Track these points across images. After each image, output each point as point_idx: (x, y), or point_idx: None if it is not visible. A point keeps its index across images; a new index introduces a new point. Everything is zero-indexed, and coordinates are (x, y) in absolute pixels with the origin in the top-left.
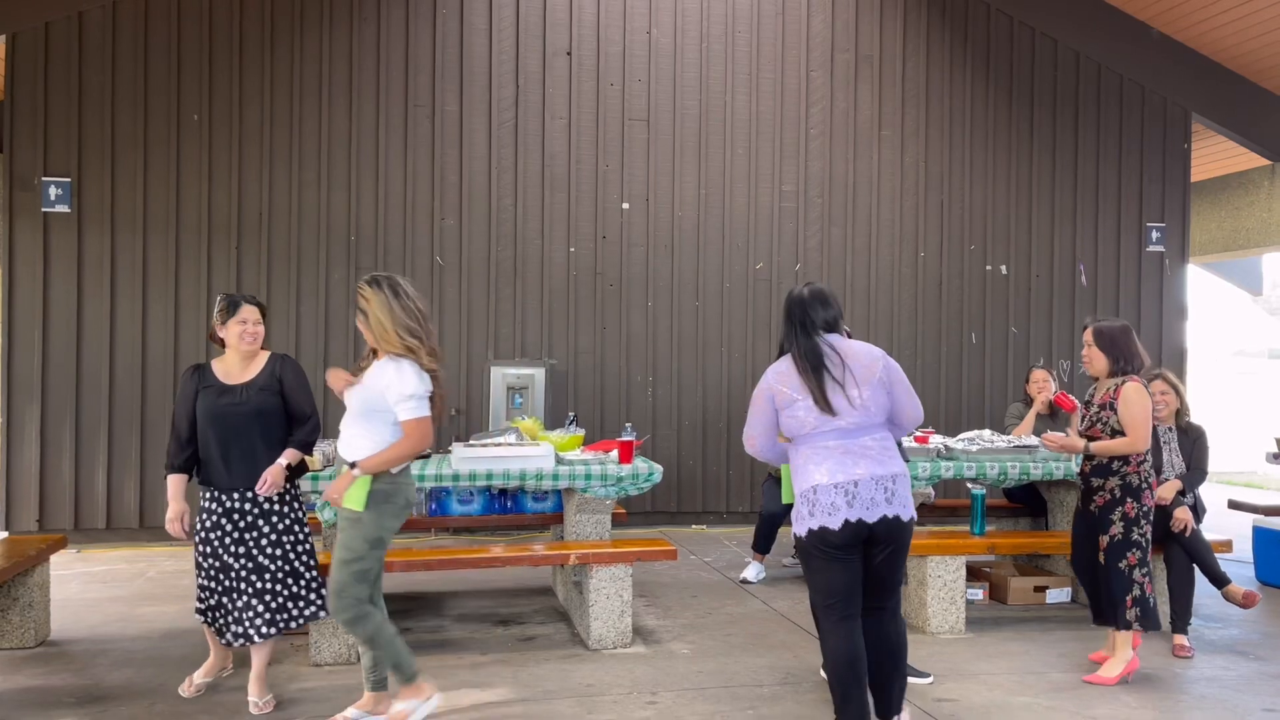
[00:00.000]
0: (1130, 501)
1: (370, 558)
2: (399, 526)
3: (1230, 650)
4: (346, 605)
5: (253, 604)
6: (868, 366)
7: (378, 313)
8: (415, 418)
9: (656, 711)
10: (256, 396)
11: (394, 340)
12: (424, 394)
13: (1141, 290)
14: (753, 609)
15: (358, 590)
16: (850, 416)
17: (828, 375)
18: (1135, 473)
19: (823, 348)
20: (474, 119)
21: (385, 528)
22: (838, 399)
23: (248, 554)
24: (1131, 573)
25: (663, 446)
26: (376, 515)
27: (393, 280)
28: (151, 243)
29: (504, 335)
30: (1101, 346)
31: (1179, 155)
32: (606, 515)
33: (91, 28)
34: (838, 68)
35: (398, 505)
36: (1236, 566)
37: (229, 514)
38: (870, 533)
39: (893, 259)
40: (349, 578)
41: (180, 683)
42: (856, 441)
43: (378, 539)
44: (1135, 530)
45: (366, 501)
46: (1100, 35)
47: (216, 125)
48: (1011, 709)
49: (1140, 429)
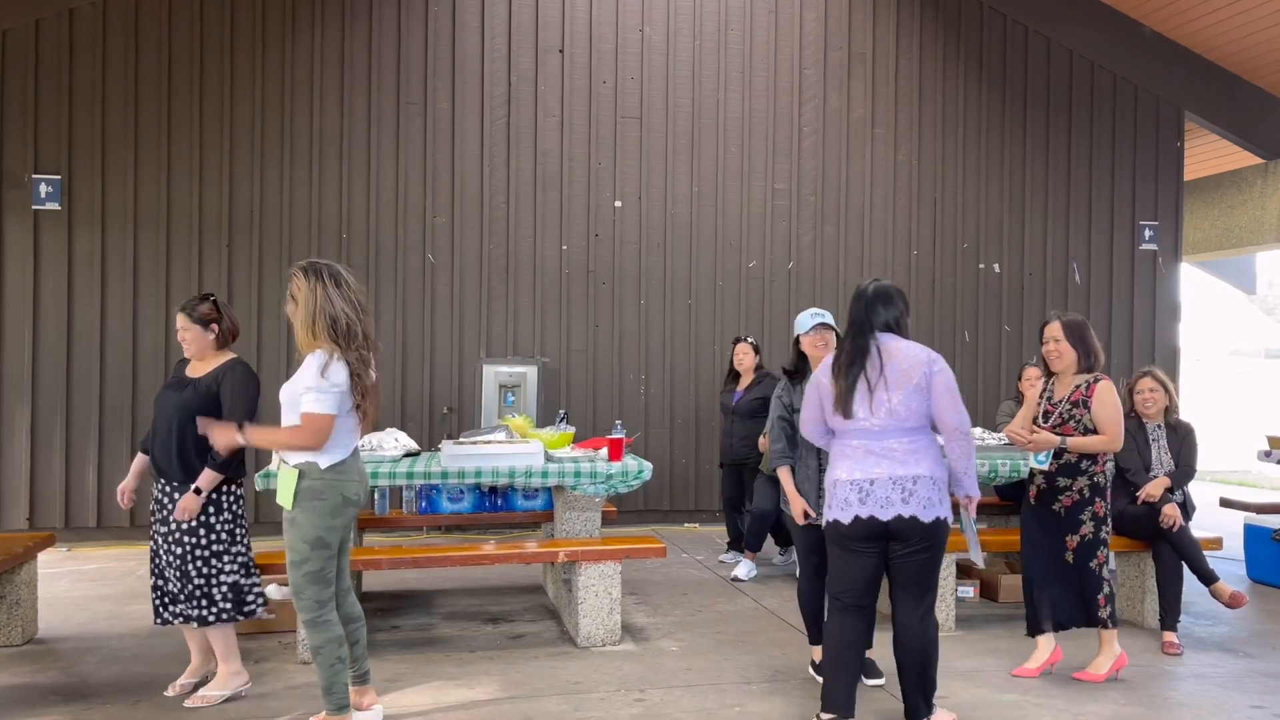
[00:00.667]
0: (1099, 500)
1: (315, 558)
2: (342, 525)
3: (1219, 648)
4: (304, 606)
5: (167, 588)
6: (906, 371)
7: (304, 302)
8: (311, 411)
9: (644, 709)
10: (190, 394)
11: (318, 333)
12: (331, 389)
13: (1134, 289)
14: (743, 607)
15: (314, 593)
16: (873, 420)
17: (862, 378)
18: (1102, 472)
19: (870, 349)
20: (466, 117)
21: (322, 526)
22: (861, 404)
23: (164, 539)
24: (1101, 571)
25: (655, 445)
26: (309, 514)
27: (333, 269)
28: (142, 240)
29: (496, 333)
30: (1071, 341)
31: (1172, 153)
32: (596, 513)
33: (82, 25)
34: (831, 65)
35: (331, 503)
36: (1227, 564)
37: (158, 500)
38: (886, 530)
39: (886, 257)
40: (301, 580)
41: (168, 679)
42: (881, 443)
43: (317, 539)
44: (1104, 529)
45: (295, 499)
46: (1093, 33)
47: (207, 123)
48: (1001, 706)
49: (1116, 428)
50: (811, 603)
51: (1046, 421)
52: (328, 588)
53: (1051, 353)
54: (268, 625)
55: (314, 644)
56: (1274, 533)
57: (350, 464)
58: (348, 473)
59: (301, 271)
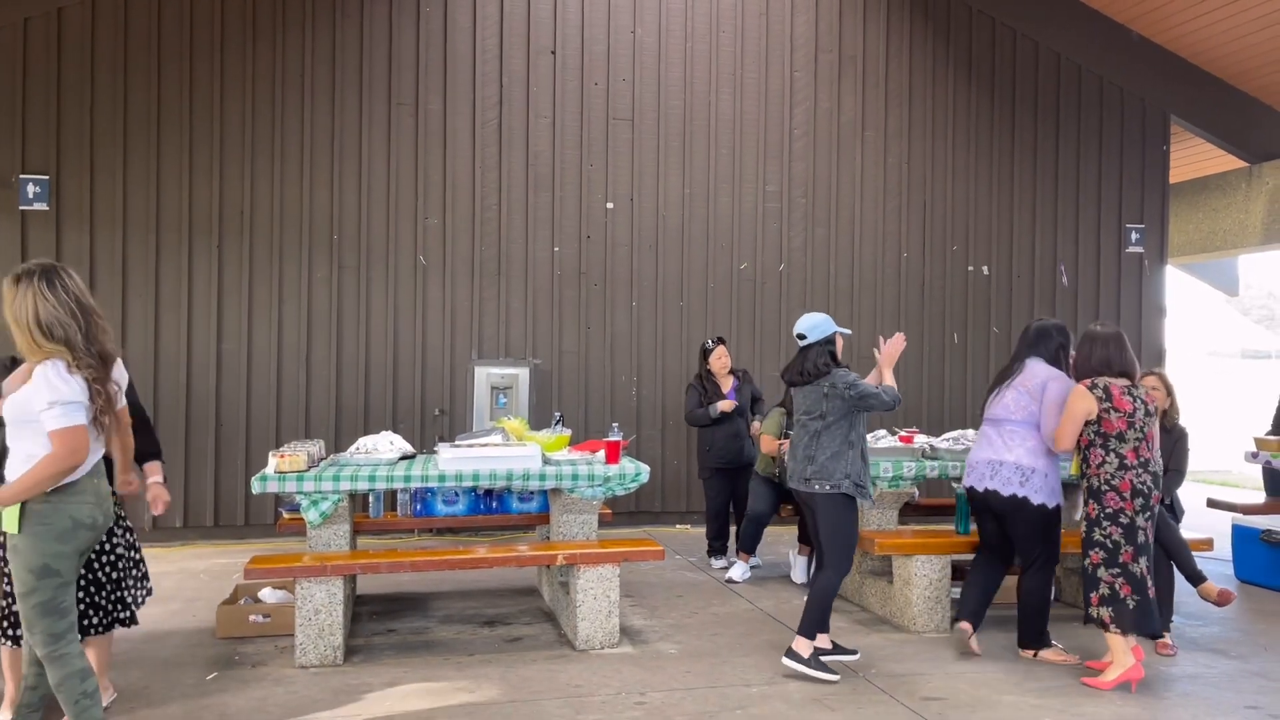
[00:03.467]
0: (1091, 503)
1: (43, 588)
2: (74, 552)
3: (1211, 648)
4: (36, 641)
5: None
6: (1026, 378)
7: (13, 311)
8: (62, 427)
9: (645, 712)
10: None
11: (32, 342)
12: (73, 399)
13: (1121, 291)
14: (739, 609)
15: (46, 625)
16: (991, 410)
17: (1000, 386)
18: (1095, 475)
19: (1014, 368)
20: (458, 117)
21: (48, 553)
22: (990, 402)
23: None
24: (1096, 571)
25: (647, 446)
26: (32, 540)
27: (49, 270)
28: (131, 241)
29: (488, 335)
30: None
31: (1158, 157)
32: (593, 515)
33: (71, 24)
34: (821, 68)
35: (58, 528)
36: (1215, 565)
37: None
38: (982, 499)
39: (876, 259)
40: (30, 613)
41: (164, 685)
42: (989, 430)
43: (43, 567)
44: (1097, 530)
45: (19, 524)
46: (1081, 37)
47: (197, 122)
48: (999, 707)
49: (1061, 426)
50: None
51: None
52: (62, 619)
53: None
54: (264, 629)
55: (54, 680)
56: (1262, 533)
57: (84, 484)
58: (79, 493)
59: (13, 277)
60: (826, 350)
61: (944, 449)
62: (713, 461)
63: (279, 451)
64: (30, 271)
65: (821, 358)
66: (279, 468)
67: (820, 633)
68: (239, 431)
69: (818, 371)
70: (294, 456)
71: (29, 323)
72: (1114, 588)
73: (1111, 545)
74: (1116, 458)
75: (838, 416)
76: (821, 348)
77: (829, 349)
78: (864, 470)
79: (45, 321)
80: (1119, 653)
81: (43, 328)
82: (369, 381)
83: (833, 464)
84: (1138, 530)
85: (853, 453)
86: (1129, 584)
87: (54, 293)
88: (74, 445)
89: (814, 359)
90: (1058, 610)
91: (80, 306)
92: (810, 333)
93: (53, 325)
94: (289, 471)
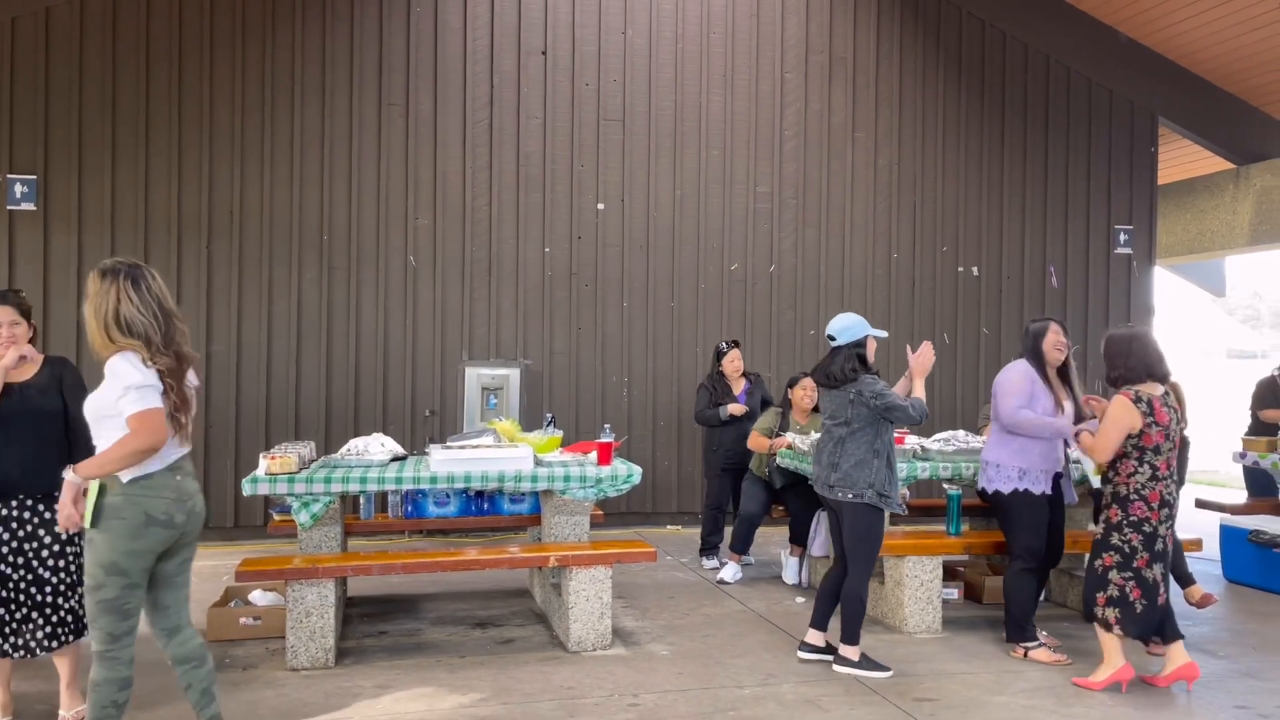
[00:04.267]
0: (1115, 508)
1: (110, 586)
2: (146, 550)
3: (1200, 649)
4: (95, 637)
5: (32, 616)
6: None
7: (95, 305)
8: (139, 410)
9: (638, 714)
10: (37, 398)
11: (106, 338)
12: (146, 384)
13: (1110, 292)
14: (730, 610)
15: (107, 624)
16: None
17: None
18: (1125, 483)
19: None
20: (449, 118)
21: (118, 550)
22: None
23: (26, 565)
24: (1107, 573)
25: (638, 447)
26: (106, 535)
27: (135, 270)
28: (119, 241)
29: (478, 335)
30: (1103, 354)
31: (1146, 159)
32: (585, 517)
33: (59, 23)
34: (812, 69)
35: (132, 523)
36: (1204, 565)
37: (5, 522)
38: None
39: (866, 260)
40: (94, 608)
41: (153, 688)
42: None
43: (112, 564)
44: (1116, 535)
45: (95, 518)
46: (1070, 39)
47: (186, 122)
48: (990, 707)
49: (1103, 437)
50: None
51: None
52: (124, 620)
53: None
54: (254, 631)
55: (94, 678)
56: (1250, 534)
57: (161, 479)
58: (157, 489)
59: (99, 272)
60: (855, 354)
61: (935, 450)
62: (720, 462)
63: (270, 453)
64: (116, 270)
65: (850, 362)
66: (270, 469)
67: (853, 644)
68: (228, 433)
69: (844, 377)
70: (285, 458)
71: (108, 318)
72: (1124, 590)
73: (1129, 550)
74: (1150, 469)
75: (863, 424)
76: (850, 351)
77: (858, 352)
78: (889, 479)
79: (126, 319)
80: (1112, 653)
81: (121, 325)
82: (359, 382)
83: (856, 472)
84: (1158, 538)
85: (878, 462)
86: (1140, 588)
87: (138, 293)
88: (152, 425)
89: (841, 363)
90: (1048, 610)
91: (161, 309)
92: (841, 335)
93: (133, 323)
94: (280, 473)
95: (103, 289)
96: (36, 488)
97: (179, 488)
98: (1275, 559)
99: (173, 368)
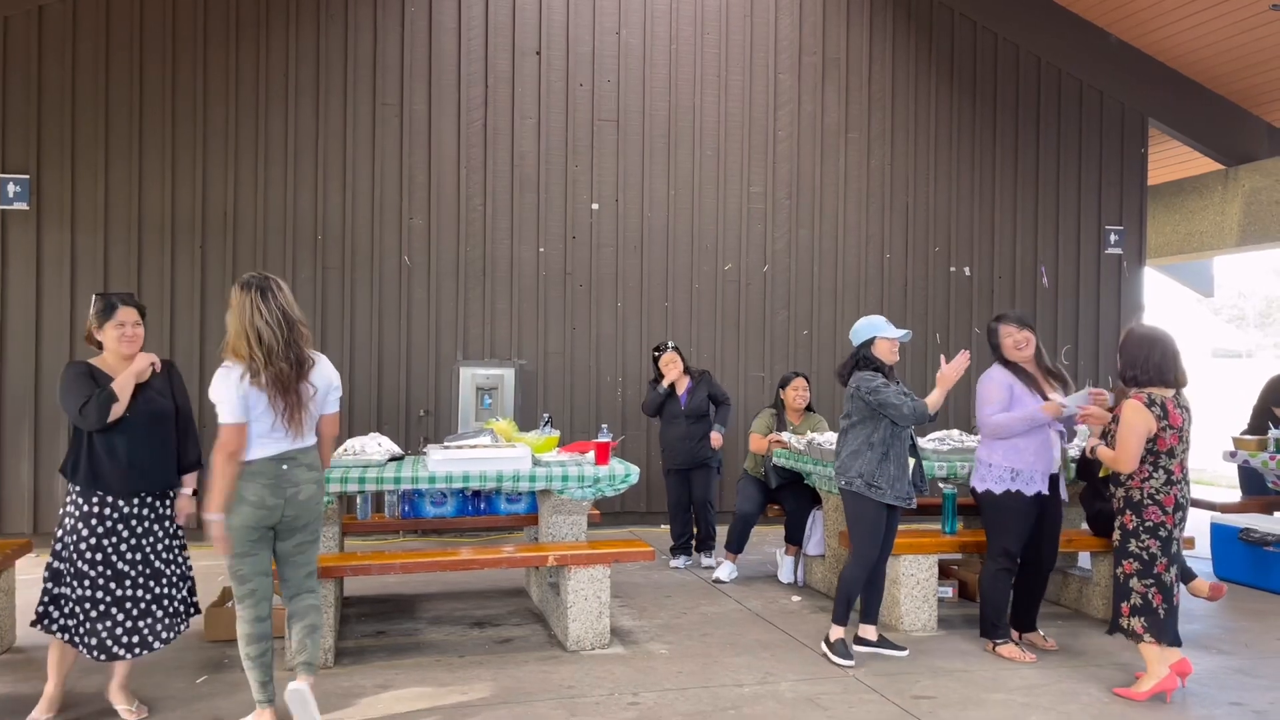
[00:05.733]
0: (1129, 514)
1: (234, 561)
2: (241, 525)
3: (1195, 645)
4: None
5: (152, 609)
6: None
7: (234, 316)
8: (221, 423)
9: (639, 712)
10: (158, 400)
11: (238, 344)
12: (226, 399)
13: (1100, 292)
14: (727, 609)
15: (234, 587)
16: None
17: None
18: (1138, 488)
19: None
20: (443, 118)
21: (231, 528)
22: None
23: (144, 559)
24: (1128, 581)
25: (633, 446)
26: (226, 515)
27: (264, 283)
28: (113, 241)
29: (473, 335)
30: (1119, 349)
31: (1136, 160)
32: (583, 516)
33: (52, 22)
34: (805, 70)
35: (233, 502)
36: (1195, 563)
37: (125, 520)
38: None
39: (859, 260)
40: (232, 578)
41: (153, 689)
42: None
43: (224, 536)
44: (1133, 542)
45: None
46: (1060, 41)
47: (180, 121)
48: (987, 705)
49: (1124, 448)
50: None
51: (1104, 437)
52: (241, 585)
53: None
54: None
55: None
56: (1240, 532)
57: (259, 466)
58: (252, 474)
59: (239, 285)
60: (860, 354)
61: (930, 449)
62: (667, 462)
63: None
64: (249, 283)
65: (851, 361)
66: None
67: (838, 624)
68: None
69: (842, 375)
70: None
71: (246, 330)
72: (1146, 598)
73: (1148, 557)
74: (1165, 473)
75: (860, 418)
76: (857, 351)
77: (864, 353)
78: (879, 470)
79: (258, 330)
80: (1154, 662)
81: (253, 336)
82: (353, 382)
83: (850, 461)
84: (1174, 541)
85: (871, 453)
86: (1160, 593)
87: (266, 304)
88: (224, 437)
89: (848, 362)
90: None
91: (285, 318)
92: (853, 337)
93: (263, 334)
94: None
95: (240, 302)
96: (155, 485)
97: (277, 473)
98: (1266, 557)
99: (284, 373)
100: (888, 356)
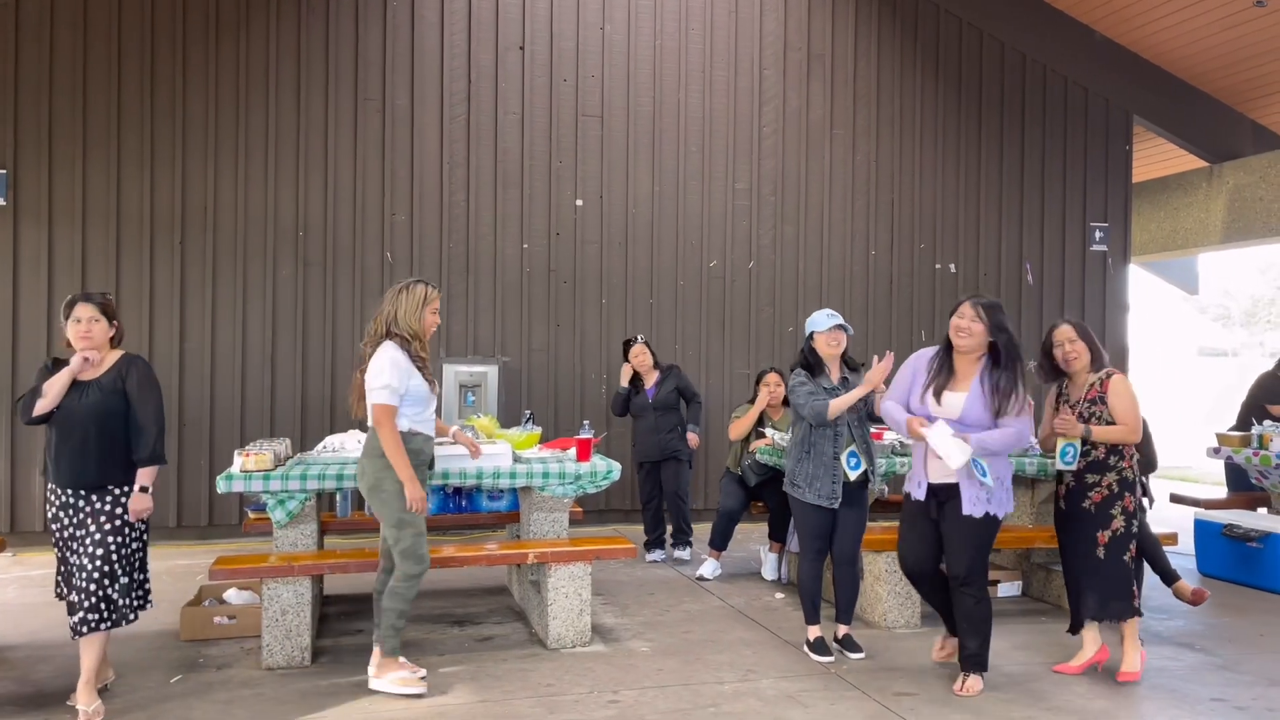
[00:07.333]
0: (1128, 495)
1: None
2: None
3: (1176, 642)
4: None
5: (74, 599)
6: None
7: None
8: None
9: (618, 710)
10: (98, 396)
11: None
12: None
13: (1085, 289)
14: (710, 606)
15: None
16: None
17: None
18: (1130, 467)
19: None
20: (425, 113)
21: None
22: None
23: (75, 551)
24: (1133, 564)
25: (617, 444)
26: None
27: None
28: (91, 236)
29: (456, 332)
30: (1086, 341)
31: (1121, 157)
32: (564, 513)
33: (28, 13)
34: (790, 66)
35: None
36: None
37: (64, 508)
38: None
39: (844, 257)
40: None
41: (126, 688)
42: None
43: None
44: (1134, 523)
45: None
46: (1045, 38)
47: (159, 117)
48: (970, 701)
49: (1134, 418)
50: (812, 584)
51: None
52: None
53: (1070, 354)
54: (229, 631)
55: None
56: (1224, 528)
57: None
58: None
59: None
60: (802, 350)
61: (909, 445)
62: (637, 456)
63: (245, 450)
64: (405, 286)
65: (798, 359)
66: (245, 466)
67: (810, 624)
68: (203, 431)
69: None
70: (261, 455)
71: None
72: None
73: (1133, 533)
74: (1134, 449)
75: (796, 417)
76: (802, 348)
77: (805, 349)
78: (797, 469)
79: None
80: (1134, 638)
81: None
82: (335, 380)
83: (787, 462)
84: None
85: (796, 451)
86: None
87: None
88: (377, 418)
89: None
90: (1027, 604)
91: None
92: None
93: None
94: (255, 470)
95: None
96: (84, 480)
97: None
98: (1248, 553)
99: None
100: (824, 349)
